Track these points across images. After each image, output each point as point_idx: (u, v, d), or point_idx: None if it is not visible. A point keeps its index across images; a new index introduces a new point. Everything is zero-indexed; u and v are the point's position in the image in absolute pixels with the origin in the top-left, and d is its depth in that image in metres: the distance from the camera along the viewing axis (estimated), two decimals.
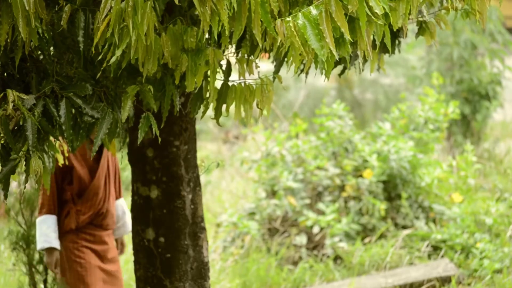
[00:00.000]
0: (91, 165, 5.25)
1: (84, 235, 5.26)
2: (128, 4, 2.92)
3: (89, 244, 5.27)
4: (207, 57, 3.20)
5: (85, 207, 5.22)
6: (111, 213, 5.33)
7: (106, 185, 5.30)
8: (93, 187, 5.22)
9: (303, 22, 2.84)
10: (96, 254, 5.27)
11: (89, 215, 5.23)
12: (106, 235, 5.34)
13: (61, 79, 3.26)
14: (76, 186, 5.21)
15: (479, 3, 3.30)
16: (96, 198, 5.24)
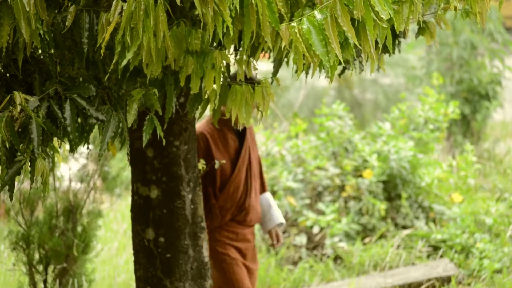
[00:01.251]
0: (233, 158, 5.07)
1: (227, 233, 5.09)
2: (139, 7, 2.92)
3: (232, 242, 5.09)
4: (214, 60, 3.20)
5: (226, 202, 5.04)
6: (254, 208, 5.13)
7: (248, 179, 5.11)
8: (233, 181, 5.05)
9: (308, 27, 2.84)
10: (239, 252, 5.11)
11: (231, 211, 5.06)
12: (249, 233, 5.16)
13: (64, 80, 3.26)
14: (218, 179, 5.03)
15: (479, 4, 3.31)
16: (237, 193, 5.05)
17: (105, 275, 7.16)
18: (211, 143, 4.98)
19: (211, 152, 4.97)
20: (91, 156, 6.42)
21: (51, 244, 5.70)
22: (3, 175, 3.12)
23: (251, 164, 5.11)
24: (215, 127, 4.99)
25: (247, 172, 5.09)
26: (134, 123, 3.64)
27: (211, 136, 5.00)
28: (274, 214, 5.25)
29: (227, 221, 5.07)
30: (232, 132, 5.02)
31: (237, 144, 5.07)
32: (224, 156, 5.01)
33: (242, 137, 5.09)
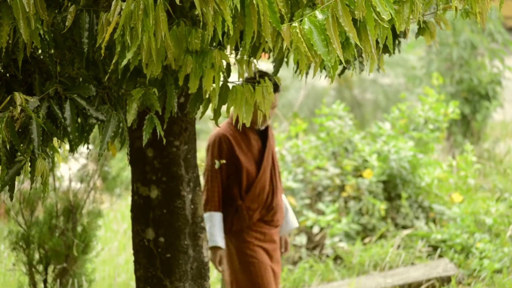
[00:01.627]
0: (257, 158, 5.02)
1: (255, 234, 5.02)
2: (138, 7, 2.91)
3: (260, 243, 5.03)
4: (213, 59, 3.20)
5: (253, 203, 4.99)
6: (280, 208, 5.09)
7: (273, 178, 5.06)
8: (259, 182, 4.99)
9: (309, 27, 2.84)
10: (266, 253, 5.04)
11: (259, 211, 5.01)
12: (275, 233, 5.10)
13: (64, 80, 3.26)
14: (244, 180, 4.97)
15: (479, 4, 3.31)
16: (263, 193, 5.00)
17: (105, 275, 7.17)
18: (234, 145, 4.95)
19: (235, 153, 4.94)
20: (91, 156, 6.42)
21: (51, 244, 5.70)
22: (3, 175, 3.12)
23: (274, 163, 5.07)
24: (236, 128, 4.96)
25: (272, 172, 5.05)
26: (134, 122, 3.64)
27: (233, 138, 4.97)
28: (290, 219, 5.20)
29: (255, 222, 5.01)
30: (254, 132, 4.99)
31: (259, 144, 5.04)
32: (248, 157, 4.98)
33: (263, 136, 5.05)
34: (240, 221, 4.98)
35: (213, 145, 4.98)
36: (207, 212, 4.96)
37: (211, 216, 4.94)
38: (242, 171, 4.95)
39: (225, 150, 4.94)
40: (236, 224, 4.98)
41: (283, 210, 5.15)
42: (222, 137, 4.95)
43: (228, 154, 4.94)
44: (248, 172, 4.96)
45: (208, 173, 4.97)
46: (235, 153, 4.93)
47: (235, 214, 4.98)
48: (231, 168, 4.96)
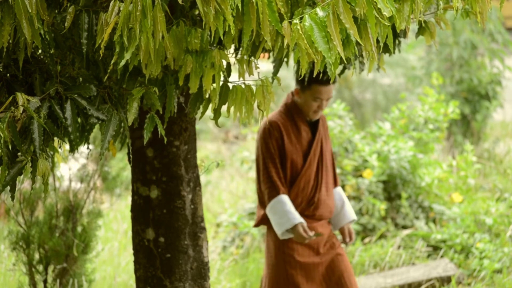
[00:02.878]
0: (305, 150, 4.90)
1: None
2: (136, 7, 2.91)
3: None
4: (213, 59, 3.20)
5: (297, 197, 4.87)
6: (324, 203, 4.93)
7: (319, 172, 4.93)
8: (305, 174, 4.87)
9: (310, 24, 2.84)
10: (308, 247, 4.88)
11: (300, 206, 4.87)
12: (320, 226, 4.93)
13: (64, 80, 3.27)
14: (289, 173, 4.85)
15: (480, 4, 3.30)
16: (307, 187, 4.88)
17: (105, 275, 7.17)
18: (283, 134, 4.85)
19: (284, 142, 4.84)
20: (91, 156, 6.42)
21: (51, 244, 5.70)
22: (4, 175, 3.13)
23: (323, 157, 4.94)
24: (288, 118, 4.89)
25: (319, 165, 4.92)
26: (135, 121, 3.64)
27: (284, 126, 4.88)
28: (347, 210, 5.04)
29: None
30: (305, 123, 4.90)
31: (309, 136, 4.93)
32: (296, 148, 4.87)
33: (315, 128, 4.95)
34: None
35: (264, 132, 4.87)
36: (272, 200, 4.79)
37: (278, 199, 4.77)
38: (288, 162, 4.84)
39: (276, 137, 4.84)
40: None
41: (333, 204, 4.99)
42: (273, 124, 4.86)
43: (279, 142, 4.85)
44: (293, 164, 4.85)
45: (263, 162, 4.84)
46: (283, 142, 4.84)
47: None
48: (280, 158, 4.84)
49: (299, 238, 4.76)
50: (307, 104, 4.84)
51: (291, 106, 4.93)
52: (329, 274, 4.90)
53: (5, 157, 3.11)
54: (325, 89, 4.78)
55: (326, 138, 5.00)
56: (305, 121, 4.91)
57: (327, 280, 4.90)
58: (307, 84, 4.81)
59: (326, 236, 4.96)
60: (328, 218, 4.99)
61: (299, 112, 4.89)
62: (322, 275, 4.90)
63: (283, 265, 4.86)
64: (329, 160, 4.99)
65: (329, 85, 4.77)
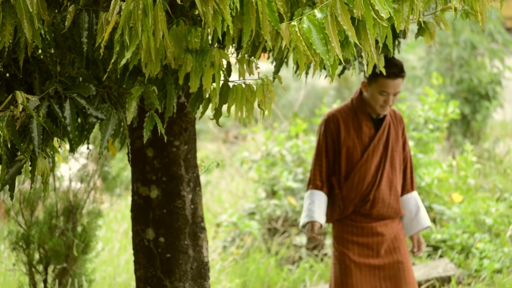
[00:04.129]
0: (365, 146, 4.76)
1: (351, 228, 4.75)
2: (138, 6, 2.91)
3: (357, 238, 4.74)
4: (213, 58, 3.20)
5: (350, 192, 4.72)
6: (383, 202, 4.73)
7: (379, 169, 4.75)
8: (359, 170, 4.72)
9: (308, 26, 2.84)
10: (366, 247, 4.73)
11: (353, 202, 4.73)
12: (381, 225, 4.76)
13: (64, 80, 3.27)
14: (344, 167, 4.73)
15: (479, 3, 3.31)
16: (362, 184, 4.72)
17: (105, 275, 7.17)
18: (341, 127, 4.74)
19: (340, 136, 4.72)
20: (91, 156, 6.42)
21: (51, 244, 5.70)
22: (3, 174, 3.13)
23: (387, 155, 4.75)
24: (352, 112, 4.76)
25: (380, 163, 4.75)
26: (134, 121, 3.64)
27: (343, 120, 4.76)
28: (421, 217, 4.85)
29: (350, 214, 4.75)
30: (368, 119, 4.75)
31: (372, 132, 4.77)
32: (354, 142, 4.73)
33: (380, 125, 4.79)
34: (334, 213, 4.75)
35: (322, 124, 4.79)
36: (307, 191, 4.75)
37: (311, 193, 4.72)
38: (342, 156, 4.73)
39: (332, 130, 4.75)
40: (330, 216, 4.74)
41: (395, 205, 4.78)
42: (331, 117, 4.77)
43: (334, 135, 4.75)
44: (349, 158, 4.72)
45: (315, 153, 4.80)
46: (340, 135, 4.73)
47: (332, 204, 4.75)
48: (335, 153, 4.74)
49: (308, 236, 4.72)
50: (373, 98, 4.68)
51: (356, 101, 4.79)
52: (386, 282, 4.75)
53: (4, 156, 3.11)
54: (392, 82, 4.63)
55: (397, 137, 4.82)
56: (368, 116, 4.76)
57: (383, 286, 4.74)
58: (373, 77, 4.65)
59: (390, 239, 4.78)
60: (392, 219, 4.78)
61: (363, 107, 4.75)
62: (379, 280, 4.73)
63: (337, 263, 4.76)
64: (398, 160, 4.80)
65: (397, 78, 4.62)
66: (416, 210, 4.86)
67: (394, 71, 4.60)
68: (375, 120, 4.81)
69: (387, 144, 4.77)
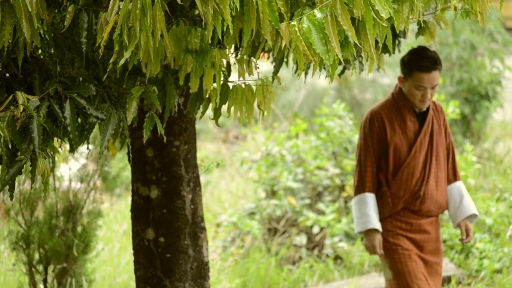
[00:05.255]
0: (411, 141, 4.65)
1: (400, 224, 4.66)
2: (136, 6, 2.91)
3: (405, 233, 4.65)
4: (213, 58, 3.19)
5: (399, 189, 4.62)
6: (432, 198, 4.66)
7: (427, 164, 4.65)
8: (408, 166, 4.62)
9: (308, 26, 2.84)
10: (413, 243, 4.65)
11: (403, 199, 4.63)
12: (428, 223, 4.69)
13: (64, 80, 3.27)
14: (391, 164, 4.63)
15: (480, 3, 3.31)
16: (411, 180, 4.62)
17: (105, 275, 7.17)
18: (386, 124, 4.63)
19: (386, 133, 4.63)
20: (91, 156, 6.42)
21: (51, 244, 5.70)
22: (3, 174, 3.13)
23: (432, 149, 4.66)
24: (394, 108, 4.66)
25: (427, 157, 4.65)
26: (134, 121, 3.64)
27: (387, 117, 4.65)
28: (466, 205, 4.74)
29: (400, 210, 4.66)
30: (411, 113, 4.64)
31: (417, 127, 4.67)
32: (400, 138, 4.63)
33: (424, 119, 4.69)
34: (384, 209, 4.64)
35: (365, 122, 4.68)
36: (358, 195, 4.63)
37: (363, 197, 4.61)
38: (390, 153, 4.62)
39: (376, 128, 4.65)
40: (380, 212, 4.63)
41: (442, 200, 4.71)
42: (375, 115, 4.66)
43: (380, 133, 4.66)
44: (396, 155, 4.62)
45: (359, 153, 4.69)
46: (385, 133, 4.62)
47: (379, 201, 4.64)
48: (381, 150, 4.64)
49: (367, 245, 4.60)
50: (410, 93, 4.58)
51: (397, 95, 4.68)
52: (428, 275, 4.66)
53: (5, 156, 3.11)
54: (428, 76, 4.50)
55: (440, 130, 4.73)
56: (411, 111, 4.66)
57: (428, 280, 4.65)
58: (408, 71, 4.54)
59: (434, 238, 4.72)
60: (437, 216, 4.72)
61: (405, 101, 4.65)
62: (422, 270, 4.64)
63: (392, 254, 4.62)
64: (442, 153, 4.71)
65: (432, 71, 4.49)
66: (460, 199, 4.75)
67: (427, 65, 4.47)
68: (418, 114, 4.70)
69: (432, 138, 4.68)
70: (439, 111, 4.78)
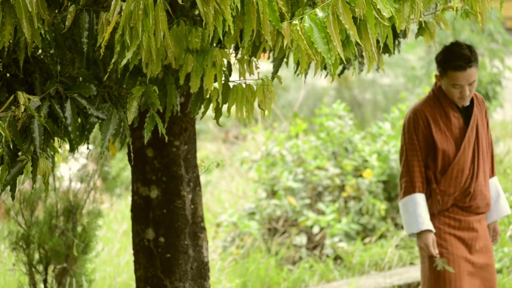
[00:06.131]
0: (457, 137, 4.53)
1: (448, 220, 4.54)
2: (138, 6, 2.91)
3: (454, 231, 4.53)
4: (214, 58, 3.19)
5: (449, 186, 4.51)
6: (482, 194, 4.56)
7: (475, 160, 4.54)
8: (457, 163, 4.49)
9: (310, 25, 2.84)
10: (462, 242, 4.54)
11: (453, 196, 4.52)
12: (476, 221, 4.57)
13: (64, 80, 3.27)
14: (440, 162, 4.51)
15: (480, 4, 3.31)
16: (461, 176, 4.50)
17: (105, 275, 7.17)
18: (430, 122, 4.52)
19: (431, 131, 4.51)
20: (91, 156, 6.42)
21: (51, 244, 5.70)
22: (4, 175, 3.13)
23: (479, 144, 4.56)
24: (437, 105, 4.54)
25: (474, 153, 4.54)
26: (135, 121, 3.65)
27: (430, 115, 4.54)
28: (502, 204, 4.67)
29: (449, 207, 4.54)
30: (454, 109, 4.52)
31: (461, 122, 4.55)
32: (446, 136, 4.52)
33: (468, 114, 4.58)
34: (433, 206, 4.52)
35: (409, 122, 4.57)
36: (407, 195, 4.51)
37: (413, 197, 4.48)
38: (438, 151, 4.50)
39: (421, 127, 4.53)
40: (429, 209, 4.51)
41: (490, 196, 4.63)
42: (418, 113, 4.54)
43: (425, 131, 4.54)
44: (444, 152, 4.50)
45: (405, 153, 4.58)
46: (431, 131, 4.51)
47: (428, 198, 4.53)
48: (430, 148, 4.52)
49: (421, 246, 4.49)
50: (448, 92, 4.47)
51: (438, 92, 4.56)
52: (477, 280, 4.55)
53: (6, 156, 3.11)
54: (462, 74, 4.38)
55: (483, 123, 4.61)
56: (454, 106, 4.54)
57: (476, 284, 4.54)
58: (443, 70, 4.43)
59: (483, 236, 4.61)
60: (484, 213, 4.62)
61: (446, 98, 4.53)
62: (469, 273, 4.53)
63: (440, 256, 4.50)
64: (486, 147, 4.61)
65: (467, 69, 4.37)
66: (496, 197, 4.68)
67: (460, 64, 4.36)
68: (461, 109, 4.59)
69: (477, 133, 4.58)
70: (481, 104, 4.66)
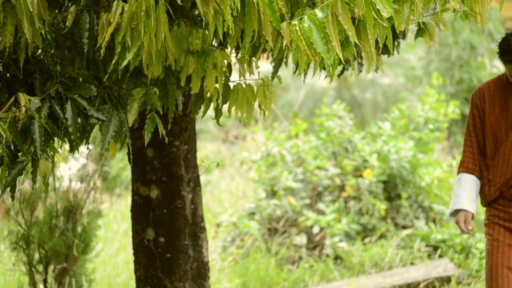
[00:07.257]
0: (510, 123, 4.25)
1: (497, 212, 4.31)
2: (140, 8, 2.91)
3: (502, 222, 4.30)
4: (215, 60, 3.20)
5: (496, 176, 4.29)
6: None
7: None
8: (504, 151, 4.25)
9: (309, 25, 2.84)
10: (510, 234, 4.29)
11: (498, 186, 4.29)
12: None
13: (64, 80, 3.27)
14: (488, 146, 4.29)
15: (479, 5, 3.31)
16: (506, 165, 4.27)
17: (105, 275, 7.17)
18: (486, 102, 4.29)
19: (484, 113, 4.29)
20: (91, 156, 6.42)
21: (51, 244, 5.71)
22: (4, 176, 3.13)
23: None
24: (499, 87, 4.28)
25: None
26: (135, 122, 3.65)
27: (489, 95, 4.29)
28: None
29: (498, 199, 4.32)
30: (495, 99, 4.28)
31: None
32: (499, 121, 4.26)
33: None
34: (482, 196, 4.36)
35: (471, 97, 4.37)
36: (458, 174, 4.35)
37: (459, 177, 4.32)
38: (487, 135, 4.28)
39: (477, 106, 4.32)
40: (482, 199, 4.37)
41: None
42: (477, 91, 4.33)
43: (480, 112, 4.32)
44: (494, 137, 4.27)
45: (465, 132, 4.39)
46: (484, 112, 4.28)
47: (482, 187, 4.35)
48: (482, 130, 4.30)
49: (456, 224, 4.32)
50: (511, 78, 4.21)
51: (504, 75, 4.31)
52: None
53: (6, 157, 3.12)
54: None
55: None
56: None
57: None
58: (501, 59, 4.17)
59: None
60: None
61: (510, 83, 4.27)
62: None
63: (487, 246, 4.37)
64: None
65: None
66: None
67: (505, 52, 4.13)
68: None
69: None
70: None
